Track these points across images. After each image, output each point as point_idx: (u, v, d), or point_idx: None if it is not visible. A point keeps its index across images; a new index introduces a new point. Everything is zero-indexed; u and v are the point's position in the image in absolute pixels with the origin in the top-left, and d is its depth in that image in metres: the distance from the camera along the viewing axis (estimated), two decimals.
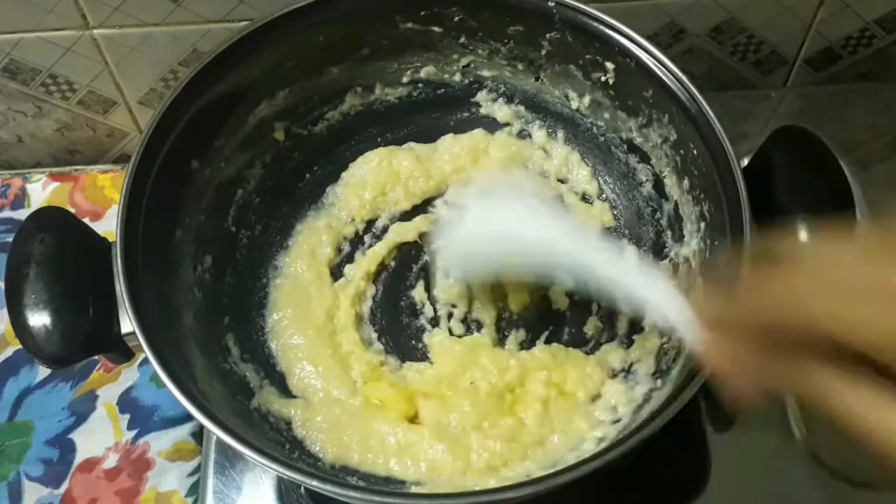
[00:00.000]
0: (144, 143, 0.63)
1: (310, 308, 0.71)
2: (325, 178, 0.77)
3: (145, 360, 0.66)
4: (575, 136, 0.77)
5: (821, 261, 0.38)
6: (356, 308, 0.72)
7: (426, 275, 0.73)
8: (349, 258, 0.75)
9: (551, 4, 0.69)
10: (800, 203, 0.60)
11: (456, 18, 0.72)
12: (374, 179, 0.76)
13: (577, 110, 0.75)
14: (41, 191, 0.89)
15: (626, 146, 0.74)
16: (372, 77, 0.77)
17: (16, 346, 0.79)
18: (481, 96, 0.78)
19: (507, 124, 0.79)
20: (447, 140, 0.78)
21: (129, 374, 0.78)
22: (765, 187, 0.61)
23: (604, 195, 0.76)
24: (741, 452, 0.70)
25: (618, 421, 0.64)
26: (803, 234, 0.59)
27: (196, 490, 0.72)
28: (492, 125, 0.79)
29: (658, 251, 0.72)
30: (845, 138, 0.82)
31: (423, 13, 0.72)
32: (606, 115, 0.74)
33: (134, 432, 0.75)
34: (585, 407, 0.66)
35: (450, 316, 0.71)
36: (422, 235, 0.75)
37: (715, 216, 0.63)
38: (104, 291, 0.58)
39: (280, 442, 0.64)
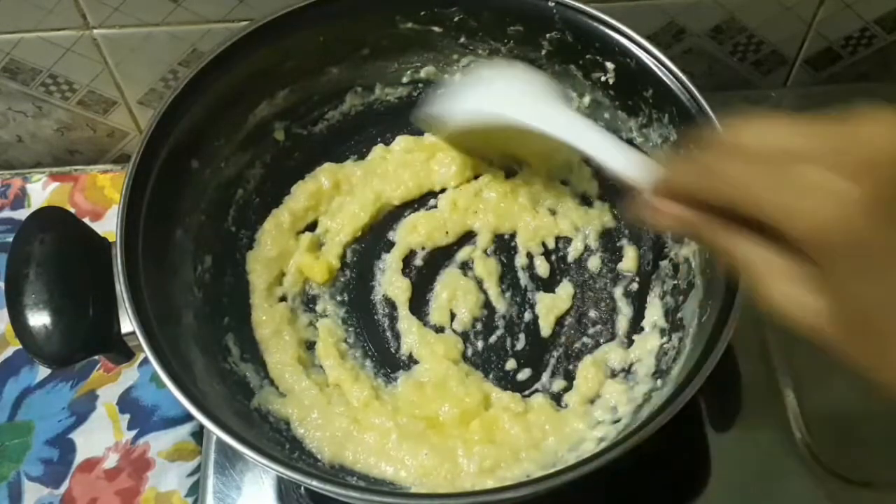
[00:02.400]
0: (144, 143, 0.63)
1: None
2: None
3: (145, 360, 0.66)
4: None
5: (737, 135, 0.44)
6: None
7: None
8: None
9: (551, 4, 0.69)
10: None
11: (456, 18, 0.72)
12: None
13: (577, 110, 0.75)
14: (41, 191, 0.89)
15: None
16: (372, 77, 0.77)
17: (16, 346, 0.79)
18: None
19: None
20: None
21: (129, 374, 0.78)
22: None
23: (604, 195, 0.76)
24: (741, 452, 0.70)
25: (618, 421, 0.64)
26: None
27: (196, 490, 0.72)
28: None
29: (658, 251, 0.72)
30: None
31: (423, 13, 0.72)
32: (606, 115, 0.74)
33: (134, 432, 0.75)
34: (583, 408, 0.66)
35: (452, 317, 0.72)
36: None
37: None
38: (104, 291, 0.58)
39: (280, 442, 0.64)
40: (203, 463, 0.71)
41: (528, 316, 0.72)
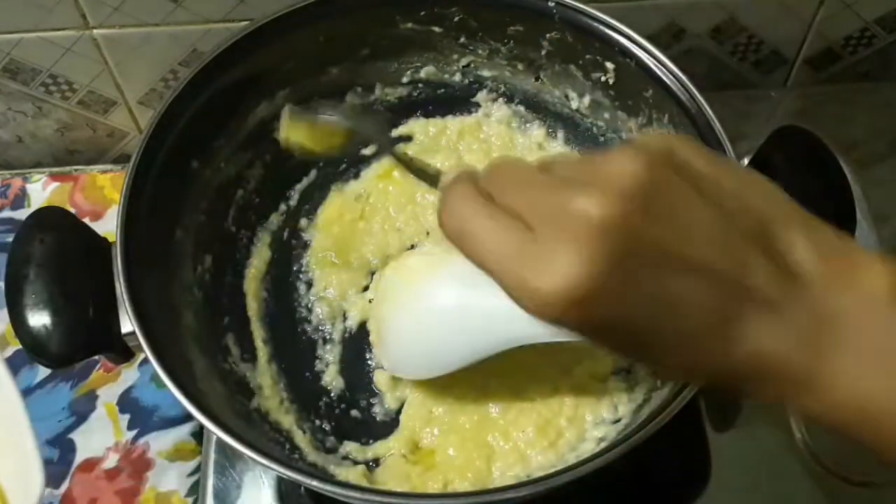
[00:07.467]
0: (144, 143, 0.63)
1: None
2: (326, 178, 0.78)
3: (145, 360, 0.66)
4: (575, 136, 0.77)
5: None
6: None
7: None
8: None
9: (551, 4, 0.69)
10: (800, 203, 0.60)
11: (456, 18, 0.72)
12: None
13: (577, 110, 0.75)
14: (41, 191, 0.89)
15: None
16: (372, 77, 0.77)
17: (16, 346, 0.79)
18: (481, 96, 0.78)
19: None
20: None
21: (129, 374, 0.78)
22: None
23: None
24: (741, 452, 0.69)
25: (618, 421, 0.64)
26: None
27: (196, 490, 0.71)
28: None
29: None
30: (845, 138, 0.82)
31: (423, 13, 0.72)
32: (606, 115, 0.74)
33: (134, 432, 0.75)
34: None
35: None
36: None
37: None
38: (104, 291, 0.58)
39: (280, 442, 0.64)
40: (203, 463, 0.71)
41: None
